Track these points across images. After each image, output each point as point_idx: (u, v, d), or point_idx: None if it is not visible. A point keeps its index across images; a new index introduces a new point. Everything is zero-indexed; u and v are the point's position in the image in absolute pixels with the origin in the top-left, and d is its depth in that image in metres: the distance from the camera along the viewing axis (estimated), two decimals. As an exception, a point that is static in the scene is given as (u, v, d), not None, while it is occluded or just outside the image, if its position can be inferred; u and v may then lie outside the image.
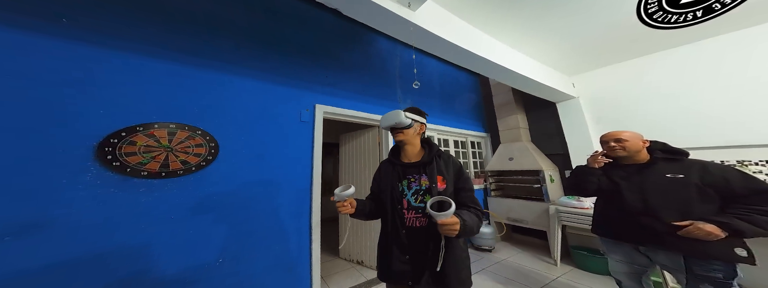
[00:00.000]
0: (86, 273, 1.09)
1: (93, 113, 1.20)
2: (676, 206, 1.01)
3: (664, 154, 1.13)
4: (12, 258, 0.97)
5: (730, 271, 0.93)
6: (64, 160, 1.12)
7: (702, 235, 0.91)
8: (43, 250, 1.03)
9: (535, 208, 2.70)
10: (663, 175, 1.08)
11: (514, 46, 2.27)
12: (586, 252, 2.25)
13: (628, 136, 1.19)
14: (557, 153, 3.04)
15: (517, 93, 3.32)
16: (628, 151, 1.17)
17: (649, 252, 1.12)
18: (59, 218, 1.07)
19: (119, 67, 1.30)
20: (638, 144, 1.17)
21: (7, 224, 0.98)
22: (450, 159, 0.95)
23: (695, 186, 1.00)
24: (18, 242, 0.99)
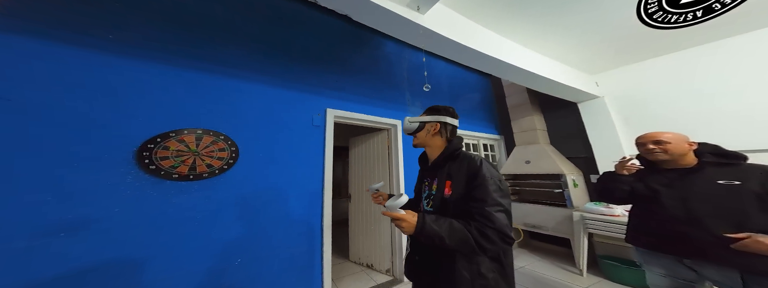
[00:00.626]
0: (126, 270, 1.20)
1: (133, 121, 1.34)
2: (729, 216, 0.90)
3: (716, 157, 1.00)
4: (68, 253, 1.10)
5: None
6: (110, 164, 1.25)
7: (763, 249, 0.80)
8: (92, 247, 1.15)
9: (557, 214, 2.55)
10: (713, 182, 0.96)
11: (530, 46, 2.21)
12: (618, 262, 2.08)
13: (670, 137, 1.05)
14: (580, 156, 2.87)
15: (532, 93, 3.20)
16: (670, 154, 1.04)
17: (695, 265, 0.99)
18: (106, 217, 1.20)
19: (155, 77, 1.45)
20: (683, 146, 1.04)
21: (62, 221, 1.11)
22: (466, 161, 0.78)
23: (754, 194, 0.89)
24: (72, 238, 1.12)
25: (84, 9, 1.34)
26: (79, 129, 1.22)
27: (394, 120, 2.48)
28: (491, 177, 0.70)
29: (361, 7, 1.33)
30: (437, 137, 0.90)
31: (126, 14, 1.45)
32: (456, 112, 0.95)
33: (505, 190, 0.70)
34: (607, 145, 2.64)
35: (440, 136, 0.90)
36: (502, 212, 0.66)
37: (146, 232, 1.27)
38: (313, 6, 2.17)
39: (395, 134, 2.48)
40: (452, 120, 0.91)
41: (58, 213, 1.11)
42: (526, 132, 3.14)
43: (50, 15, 1.26)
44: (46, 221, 1.09)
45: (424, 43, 1.65)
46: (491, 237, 0.63)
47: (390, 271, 2.28)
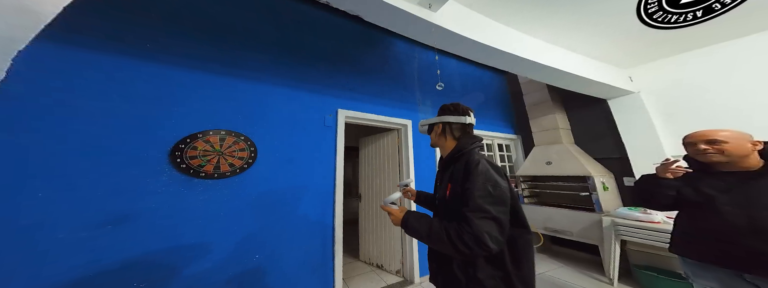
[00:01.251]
0: (162, 261, 1.32)
1: (166, 123, 1.47)
2: None
3: None
4: (114, 244, 1.23)
5: None
6: (149, 163, 1.38)
7: None
8: (134, 238, 1.28)
9: (583, 218, 2.38)
10: None
11: (552, 41, 2.08)
12: (656, 273, 1.90)
13: (729, 135, 0.93)
14: (611, 157, 2.65)
15: (553, 90, 3.01)
16: (728, 155, 0.93)
17: (757, 280, 0.87)
18: (144, 212, 1.33)
19: (187, 82, 1.57)
20: (745, 147, 0.92)
21: (107, 215, 1.25)
22: (466, 161, 0.75)
23: None
24: (116, 231, 1.25)
25: (126, 20, 1.49)
26: (123, 131, 1.36)
27: (405, 120, 2.47)
28: (482, 182, 0.67)
29: (372, 7, 1.34)
30: (444, 138, 0.89)
31: (162, 26, 1.59)
32: (463, 108, 0.90)
33: (498, 196, 0.65)
34: (644, 144, 2.41)
35: (446, 136, 0.88)
36: (485, 219, 0.62)
37: (179, 227, 1.39)
38: (324, 8, 2.22)
39: (405, 134, 2.46)
40: (457, 118, 0.87)
41: (106, 207, 1.25)
42: (548, 131, 2.96)
43: (100, 29, 1.42)
44: (97, 214, 1.23)
45: (436, 41, 1.62)
46: (467, 241, 0.60)
47: (400, 273, 2.27)
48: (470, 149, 0.81)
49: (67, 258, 1.14)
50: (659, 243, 1.83)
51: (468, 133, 0.88)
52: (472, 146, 0.82)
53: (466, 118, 0.87)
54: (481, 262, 0.68)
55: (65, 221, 1.16)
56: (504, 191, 0.66)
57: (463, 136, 0.86)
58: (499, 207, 0.64)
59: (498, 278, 0.67)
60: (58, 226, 1.15)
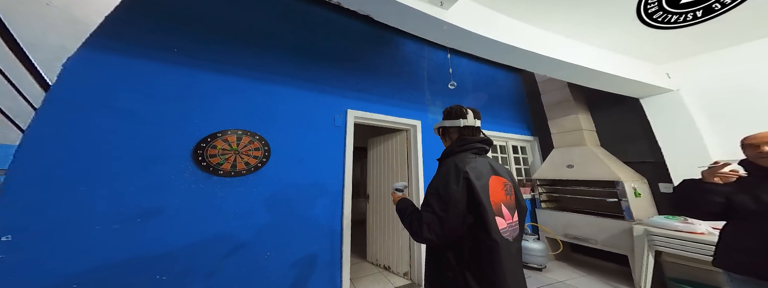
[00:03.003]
0: (181, 255, 1.39)
1: (190, 122, 1.56)
2: None
3: None
4: (143, 236, 1.33)
5: None
6: (174, 161, 1.48)
7: None
8: (159, 232, 1.37)
9: (610, 226, 2.21)
10: None
11: (575, 37, 1.95)
12: (696, 287, 1.71)
13: None
14: (644, 161, 2.43)
15: (576, 89, 2.81)
16: None
17: None
18: (168, 207, 1.41)
19: (206, 83, 1.66)
20: None
21: (136, 209, 1.34)
22: (443, 163, 0.84)
23: None
24: (144, 225, 1.34)
25: (155, 26, 1.60)
26: (152, 131, 1.46)
27: (414, 120, 2.44)
28: (436, 183, 0.78)
29: (383, 6, 1.32)
30: (446, 140, 0.95)
31: (187, 31, 1.69)
32: (457, 111, 0.91)
33: (445, 196, 0.73)
34: (685, 147, 2.19)
35: (447, 139, 0.94)
36: (429, 213, 0.73)
37: (198, 223, 1.46)
38: (336, 9, 2.25)
39: (414, 134, 2.43)
40: (451, 122, 0.90)
41: (136, 202, 1.35)
42: (569, 132, 2.78)
43: (131, 36, 1.53)
44: (128, 208, 1.33)
45: (448, 39, 1.58)
46: (414, 224, 0.76)
47: (408, 275, 2.24)
48: (456, 152, 0.84)
49: (102, 247, 1.24)
50: (702, 255, 1.66)
51: (463, 136, 0.89)
52: (460, 149, 0.84)
53: (461, 121, 0.88)
54: (449, 261, 0.75)
55: (102, 213, 1.27)
56: (450, 194, 0.73)
57: (457, 140, 0.88)
58: (442, 206, 0.72)
59: (459, 276, 0.72)
60: (94, 217, 1.26)
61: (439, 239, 0.72)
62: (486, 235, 0.71)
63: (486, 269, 0.70)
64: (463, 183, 0.73)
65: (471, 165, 0.77)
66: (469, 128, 0.88)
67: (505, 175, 0.85)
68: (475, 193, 0.72)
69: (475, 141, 0.85)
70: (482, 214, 0.71)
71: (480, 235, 0.71)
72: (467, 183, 0.73)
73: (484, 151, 0.87)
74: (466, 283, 0.70)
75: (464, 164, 0.77)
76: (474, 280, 0.70)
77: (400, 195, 1.01)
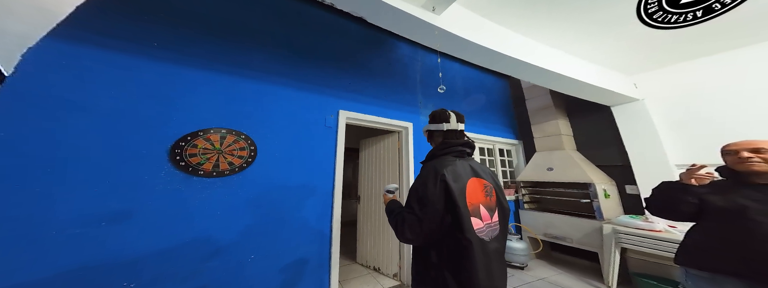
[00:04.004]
0: (154, 262, 1.29)
1: (168, 120, 1.47)
2: None
3: None
4: (109, 240, 1.22)
5: None
6: (148, 160, 1.38)
7: None
8: (128, 236, 1.27)
9: (584, 225, 2.36)
10: None
11: (557, 46, 2.06)
12: (655, 281, 1.88)
13: None
14: (613, 164, 2.62)
15: (557, 96, 2.99)
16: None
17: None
18: (140, 210, 1.32)
19: (188, 80, 1.57)
20: None
21: (102, 212, 1.24)
22: (424, 166, 0.88)
23: None
24: (110, 228, 1.24)
25: (133, 18, 1.49)
26: (125, 128, 1.36)
27: (406, 122, 2.46)
28: (416, 185, 0.83)
29: (376, 9, 1.34)
30: (433, 143, 0.98)
31: (169, 25, 1.58)
32: (441, 115, 0.94)
33: (424, 197, 0.77)
34: (648, 152, 2.39)
35: (434, 142, 0.97)
36: (410, 213, 0.78)
37: (174, 225, 1.38)
38: (329, 9, 2.22)
39: (406, 136, 2.46)
40: (435, 126, 0.94)
41: (102, 204, 1.24)
42: (550, 137, 2.95)
43: (106, 27, 1.41)
44: (92, 211, 1.22)
45: (439, 44, 1.62)
46: (400, 227, 0.79)
47: (397, 276, 2.26)
48: (438, 155, 0.89)
49: (58, 254, 1.13)
50: (660, 251, 1.83)
51: (448, 139, 0.92)
52: (442, 153, 0.89)
53: (444, 124, 0.92)
54: (432, 260, 0.78)
55: (60, 217, 1.15)
56: (428, 195, 0.76)
57: (440, 143, 0.93)
58: (421, 207, 0.77)
59: (440, 275, 0.75)
60: (50, 221, 1.14)
61: (419, 239, 0.77)
62: (461, 234, 0.74)
63: (462, 267, 0.74)
64: (440, 185, 0.76)
65: (449, 168, 0.80)
66: (452, 132, 0.92)
67: (486, 177, 0.88)
68: (451, 195, 0.75)
69: (456, 144, 0.88)
70: (458, 215, 0.74)
71: (457, 235, 0.74)
72: (444, 185, 0.76)
73: (465, 153, 0.90)
74: (445, 281, 0.73)
75: (442, 167, 0.80)
76: (452, 278, 0.73)
77: (390, 197, 1.03)
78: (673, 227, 1.93)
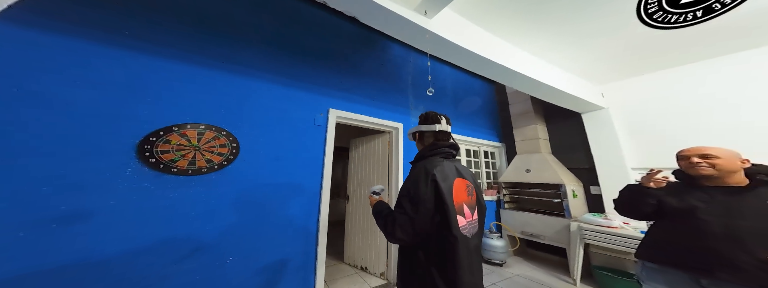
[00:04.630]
0: (116, 266, 1.18)
1: (138, 114, 1.34)
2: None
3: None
4: (62, 243, 1.09)
5: None
6: (111, 155, 1.25)
7: None
8: (83, 240, 1.14)
9: (555, 223, 2.55)
10: (763, 202, 0.92)
11: (537, 54, 2.20)
12: (611, 273, 2.08)
13: (721, 152, 0.99)
14: (581, 167, 2.85)
15: (536, 102, 3.19)
16: (718, 170, 0.98)
17: (713, 285, 0.95)
18: (102, 209, 1.19)
19: (164, 72, 1.45)
20: (734, 164, 0.98)
21: (53, 213, 1.10)
22: (415, 166, 0.89)
23: None
24: (62, 229, 1.10)
25: (101, 4, 1.34)
26: (86, 120, 1.22)
27: (396, 123, 2.48)
28: (408, 185, 0.83)
29: (369, 10, 1.33)
30: (421, 144, 0.99)
31: (143, 13, 1.45)
32: (433, 116, 0.97)
33: (415, 197, 0.79)
34: (610, 156, 2.63)
35: (423, 143, 0.98)
36: (401, 213, 0.79)
37: (142, 227, 1.27)
38: (322, 7, 2.17)
39: (396, 137, 2.47)
40: (427, 127, 0.95)
41: (52, 204, 1.11)
42: (529, 141, 3.13)
43: (68, 11, 1.26)
44: (40, 212, 1.08)
45: (430, 47, 1.64)
46: (387, 225, 0.80)
47: (384, 275, 2.27)
48: (427, 156, 0.91)
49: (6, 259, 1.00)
50: (616, 246, 2.02)
51: (437, 141, 0.95)
52: (430, 153, 0.91)
53: (436, 125, 0.94)
54: (419, 259, 0.79)
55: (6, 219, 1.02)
56: (420, 195, 0.78)
57: (429, 145, 0.95)
58: (413, 207, 0.78)
59: (427, 273, 0.78)
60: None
61: (411, 238, 0.77)
62: (448, 232, 0.77)
63: (447, 263, 0.76)
64: (431, 185, 0.79)
65: (439, 168, 0.83)
66: (443, 133, 0.95)
67: (468, 178, 0.93)
68: (441, 194, 0.78)
69: (444, 146, 0.92)
70: (446, 213, 0.77)
71: (444, 233, 0.77)
72: (434, 185, 0.79)
73: (451, 155, 0.94)
74: (432, 278, 0.76)
75: (433, 167, 0.83)
76: (438, 274, 0.76)
77: (376, 198, 1.02)
78: (626, 224, 2.15)
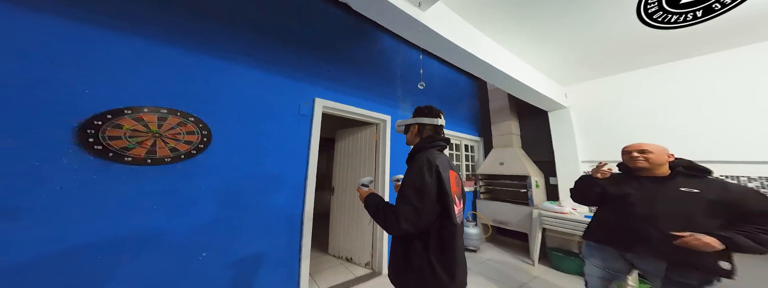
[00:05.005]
0: (49, 271, 1.00)
1: (79, 93, 1.12)
2: (678, 218, 1.05)
3: (687, 170, 1.14)
4: None
5: (706, 282, 0.99)
6: (40, 141, 1.03)
7: (699, 245, 0.95)
8: (8, 238, 0.95)
9: (520, 211, 2.81)
10: (677, 189, 1.10)
11: (517, 54, 2.31)
12: (562, 253, 2.39)
13: (654, 148, 1.18)
14: (544, 160, 3.16)
15: (512, 100, 3.40)
16: (650, 163, 1.17)
17: (634, 259, 1.17)
18: (27, 205, 0.99)
19: (117, 47, 1.22)
20: (663, 157, 1.17)
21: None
22: (416, 159, 0.89)
23: (707, 202, 1.03)
24: None
25: None
26: (3, 98, 0.98)
27: (384, 115, 2.44)
28: (412, 176, 0.82)
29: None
30: (418, 137, 0.99)
31: None
32: (435, 111, 0.99)
33: (421, 188, 0.78)
34: (567, 151, 2.94)
35: (419, 136, 0.99)
36: (406, 205, 0.77)
37: (87, 223, 1.09)
38: None
39: (384, 129, 2.45)
40: (430, 120, 0.97)
41: None
42: (504, 135, 3.35)
43: None
44: None
45: (421, 40, 1.62)
46: (389, 218, 0.78)
47: (369, 265, 2.31)
48: (426, 148, 0.92)
49: None
50: (566, 229, 2.31)
51: (435, 134, 0.98)
52: (429, 145, 0.93)
53: (438, 119, 0.98)
54: (416, 248, 0.81)
55: None
56: (426, 186, 0.78)
57: (427, 137, 0.97)
58: (419, 197, 0.77)
59: (425, 262, 0.79)
60: None
61: (415, 229, 0.76)
62: (449, 221, 0.80)
63: (447, 251, 0.80)
64: (435, 175, 0.80)
65: (439, 160, 0.85)
66: (440, 127, 0.99)
67: (455, 169, 0.98)
68: (443, 185, 0.80)
69: (440, 139, 0.95)
70: (447, 203, 0.79)
71: (445, 222, 0.80)
72: (438, 175, 0.80)
73: (444, 148, 0.97)
74: (432, 267, 0.78)
75: (434, 159, 0.84)
76: (437, 262, 0.78)
77: (366, 190, 1.00)
78: (575, 210, 2.47)
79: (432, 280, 0.77)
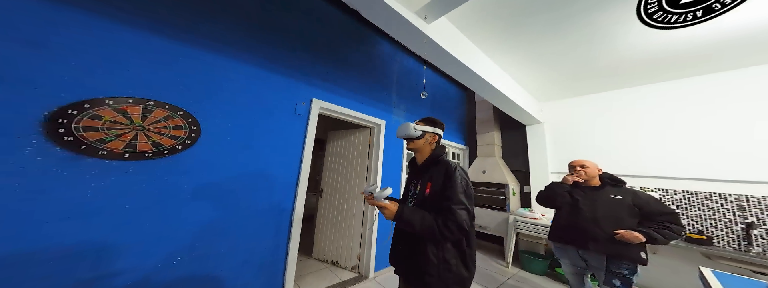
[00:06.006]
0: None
1: (53, 79, 1.00)
2: (613, 219, 1.35)
3: (611, 181, 1.49)
4: None
5: (633, 270, 1.28)
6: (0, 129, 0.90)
7: (631, 238, 1.25)
8: None
9: (498, 217, 2.99)
10: (608, 196, 1.42)
11: (505, 68, 2.47)
12: (531, 255, 2.60)
13: (588, 163, 1.52)
14: (520, 170, 3.40)
15: (496, 112, 3.61)
16: (587, 175, 1.49)
17: (585, 255, 1.41)
18: None
19: (103, 34, 1.12)
20: (595, 171, 1.51)
21: None
22: (444, 167, 0.92)
23: (628, 205, 1.35)
24: None
25: None
26: None
27: (379, 119, 2.46)
28: (460, 181, 0.87)
29: (374, 7, 1.32)
30: (429, 146, 1.04)
31: None
32: (441, 122, 1.10)
33: (470, 193, 0.87)
34: (539, 163, 3.21)
35: (433, 144, 1.05)
36: (463, 210, 0.81)
37: (39, 225, 0.97)
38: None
39: (378, 134, 2.46)
40: (441, 131, 1.08)
41: None
42: (487, 145, 3.54)
43: None
44: None
45: (425, 51, 1.68)
46: (451, 227, 0.79)
47: (356, 268, 2.28)
48: (443, 155, 1.01)
49: None
50: (535, 233, 2.55)
51: (442, 145, 1.08)
52: (445, 154, 1.02)
53: (442, 132, 1.08)
54: (448, 246, 0.85)
55: None
56: (472, 189, 0.89)
57: (440, 146, 1.05)
58: (471, 201, 0.85)
59: (458, 258, 0.86)
60: None
61: (470, 230, 0.83)
62: (473, 221, 0.88)
63: (472, 246, 0.89)
64: (469, 181, 0.91)
65: None
66: (442, 138, 1.09)
67: None
68: (471, 189, 0.90)
69: (444, 149, 1.05)
70: (472, 206, 0.87)
71: (471, 223, 0.87)
72: (468, 181, 0.91)
73: None
74: (464, 263, 0.86)
75: (460, 166, 0.94)
76: (464, 258, 0.87)
77: (388, 203, 0.86)
78: (544, 215, 2.70)
79: (457, 273, 0.84)
